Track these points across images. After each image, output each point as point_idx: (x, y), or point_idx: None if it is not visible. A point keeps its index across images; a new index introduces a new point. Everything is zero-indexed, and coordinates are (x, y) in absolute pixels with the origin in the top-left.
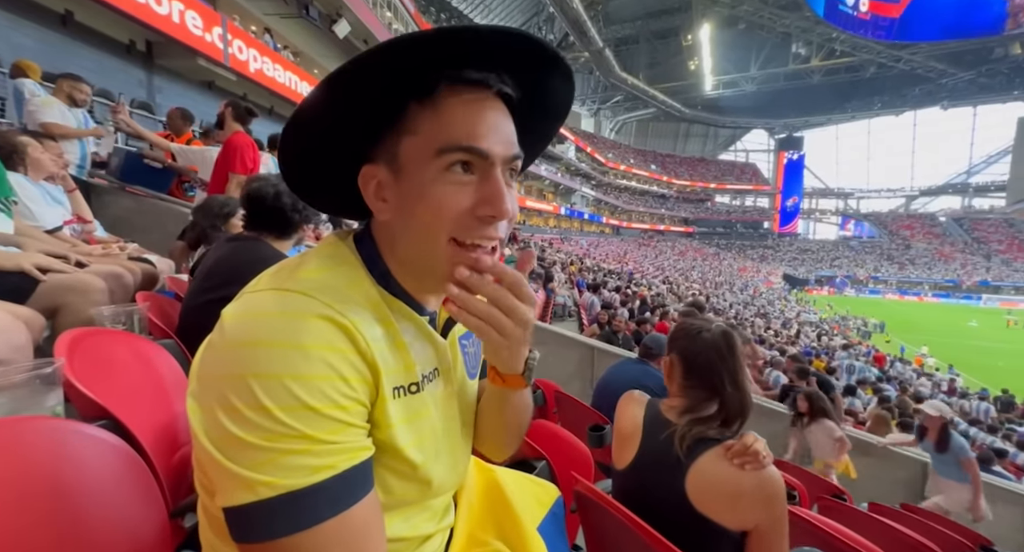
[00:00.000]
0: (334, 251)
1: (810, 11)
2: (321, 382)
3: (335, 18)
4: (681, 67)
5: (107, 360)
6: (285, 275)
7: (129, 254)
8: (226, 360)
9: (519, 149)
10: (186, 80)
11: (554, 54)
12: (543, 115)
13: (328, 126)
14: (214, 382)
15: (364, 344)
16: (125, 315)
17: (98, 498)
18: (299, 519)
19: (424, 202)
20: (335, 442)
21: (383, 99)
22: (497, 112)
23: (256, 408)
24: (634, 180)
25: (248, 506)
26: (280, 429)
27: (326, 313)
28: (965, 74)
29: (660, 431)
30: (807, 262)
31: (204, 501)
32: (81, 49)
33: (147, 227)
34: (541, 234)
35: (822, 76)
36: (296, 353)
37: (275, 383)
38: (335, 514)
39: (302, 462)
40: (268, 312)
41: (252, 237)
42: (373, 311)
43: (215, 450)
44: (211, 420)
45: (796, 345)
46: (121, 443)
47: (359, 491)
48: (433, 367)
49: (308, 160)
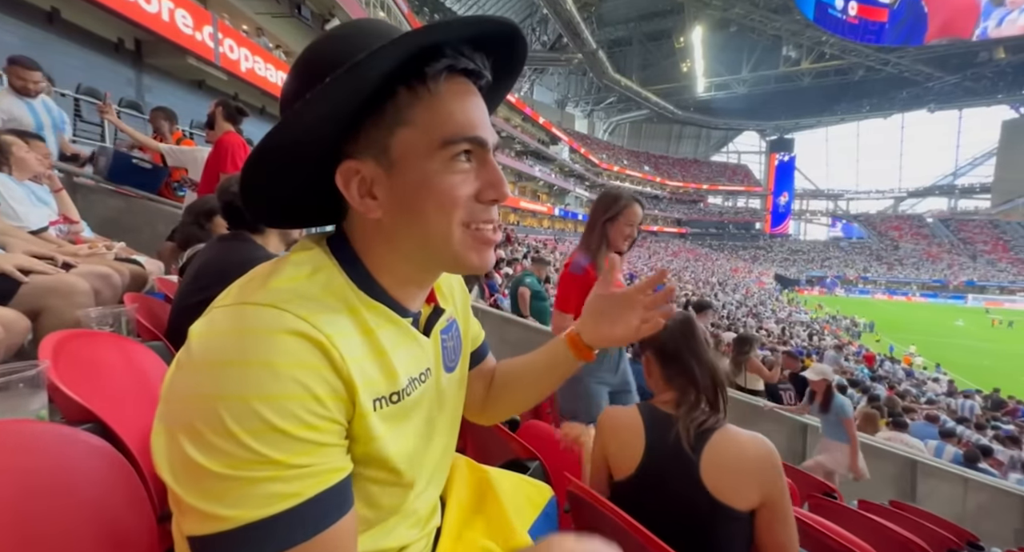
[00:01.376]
0: (309, 256)
1: (800, 14)
2: (291, 402)
3: (327, 18)
4: (674, 69)
5: (93, 363)
6: (256, 286)
7: (117, 255)
8: (191, 382)
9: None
10: (176, 79)
11: (515, 34)
12: (496, 88)
13: (308, 120)
14: (179, 405)
15: (339, 359)
16: (112, 317)
17: (84, 502)
18: (264, 547)
19: (432, 194)
20: (306, 465)
21: (376, 89)
22: (479, 98)
23: (222, 434)
24: (628, 181)
25: (212, 536)
26: (246, 455)
27: (298, 328)
28: (951, 77)
29: (665, 428)
30: (798, 262)
31: (176, 519)
32: (68, 47)
33: (136, 227)
34: (535, 235)
35: (812, 79)
36: (265, 372)
37: (242, 406)
38: (305, 539)
39: (269, 490)
40: (235, 329)
41: (238, 236)
42: (352, 318)
43: (174, 482)
44: (174, 446)
45: (788, 345)
46: (107, 446)
47: (333, 514)
48: (422, 368)
49: (274, 165)
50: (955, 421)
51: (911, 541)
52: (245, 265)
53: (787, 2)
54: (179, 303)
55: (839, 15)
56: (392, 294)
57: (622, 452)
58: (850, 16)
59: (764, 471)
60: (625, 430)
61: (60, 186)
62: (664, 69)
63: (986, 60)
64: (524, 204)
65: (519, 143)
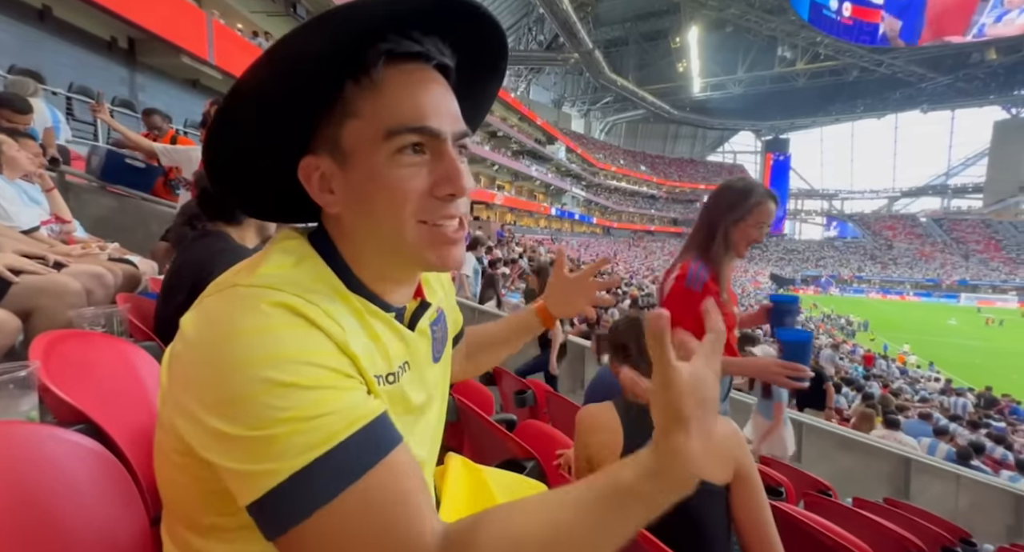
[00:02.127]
0: (293, 246)
1: (795, 15)
2: (298, 359)
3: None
4: (670, 69)
5: (85, 363)
6: (245, 273)
7: (110, 255)
8: (195, 362)
9: (465, 125)
10: (170, 78)
11: (478, 9)
12: (480, 78)
13: (259, 117)
14: (191, 387)
15: (339, 331)
16: (104, 317)
17: (75, 504)
18: (321, 490)
19: (380, 189)
20: (329, 413)
21: (317, 81)
22: (440, 86)
23: (239, 400)
24: (624, 181)
25: (263, 498)
26: (268, 414)
27: (294, 303)
28: (944, 78)
29: (640, 417)
30: (793, 262)
31: (176, 534)
32: (59, 45)
33: (129, 227)
34: (532, 234)
35: (807, 79)
36: (267, 336)
37: (251, 370)
38: (353, 480)
39: (298, 441)
40: (230, 308)
41: (215, 234)
42: (343, 303)
43: (218, 458)
44: (201, 426)
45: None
46: (99, 447)
47: (383, 446)
48: (404, 360)
49: (242, 161)
50: (948, 419)
51: (905, 538)
52: (219, 258)
53: (782, 3)
54: (163, 303)
55: (833, 16)
56: (371, 288)
57: (603, 446)
58: (844, 17)
59: (732, 447)
60: (602, 425)
61: (52, 185)
62: (660, 69)
63: (978, 61)
64: (521, 203)
65: (515, 142)
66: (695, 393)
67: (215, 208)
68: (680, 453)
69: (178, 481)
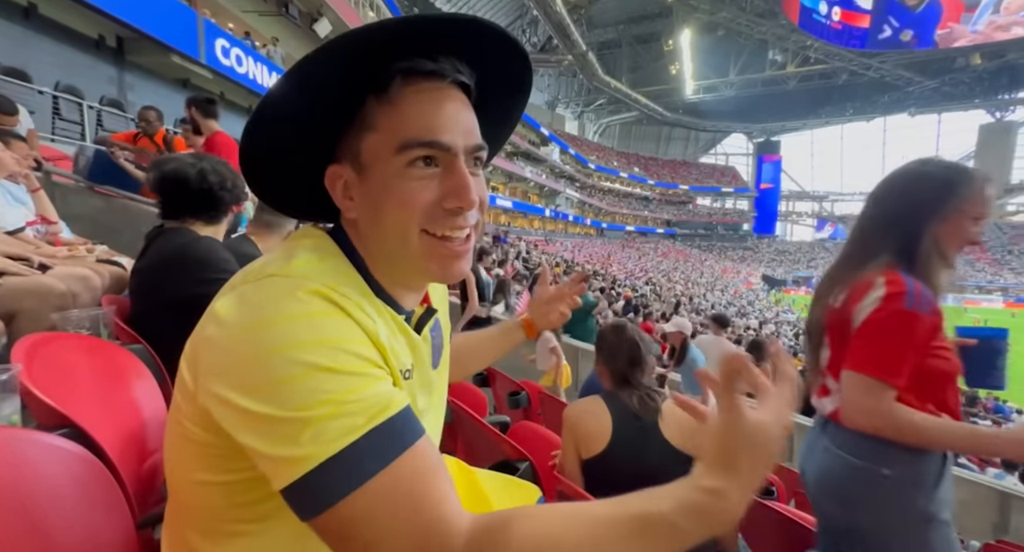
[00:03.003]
0: (318, 244)
1: (786, 19)
2: (334, 345)
3: (316, 16)
4: (663, 71)
5: (69, 366)
6: (277, 265)
7: (98, 256)
8: (234, 347)
9: (480, 138)
10: (160, 77)
11: (503, 34)
12: (504, 98)
13: (289, 126)
14: (228, 372)
15: (371, 322)
16: (90, 319)
17: (57, 509)
18: (355, 474)
19: (390, 199)
20: (366, 397)
21: (341, 96)
22: (455, 102)
23: (277, 382)
24: (618, 182)
25: (296, 482)
26: (304, 398)
27: (328, 294)
28: (930, 82)
29: (624, 403)
30: (785, 263)
31: (182, 537)
32: (45, 43)
33: (117, 228)
34: (527, 236)
35: (797, 82)
36: (304, 322)
37: (289, 354)
38: (386, 464)
39: (335, 425)
40: (268, 295)
41: (183, 233)
42: (367, 299)
43: (256, 441)
44: (240, 409)
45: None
46: (83, 452)
47: (410, 435)
48: (411, 363)
49: (274, 162)
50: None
51: None
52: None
53: (773, 7)
54: (143, 299)
55: (823, 20)
56: (386, 289)
57: (591, 433)
58: (833, 21)
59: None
60: (590, 415)
61: (38, 186)
62: (653, 71)
63: (963, 66)
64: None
65: (509, 144)
66: (754, 444)
67: (192, 207)
68: (723, 498)
69: (200, 480)
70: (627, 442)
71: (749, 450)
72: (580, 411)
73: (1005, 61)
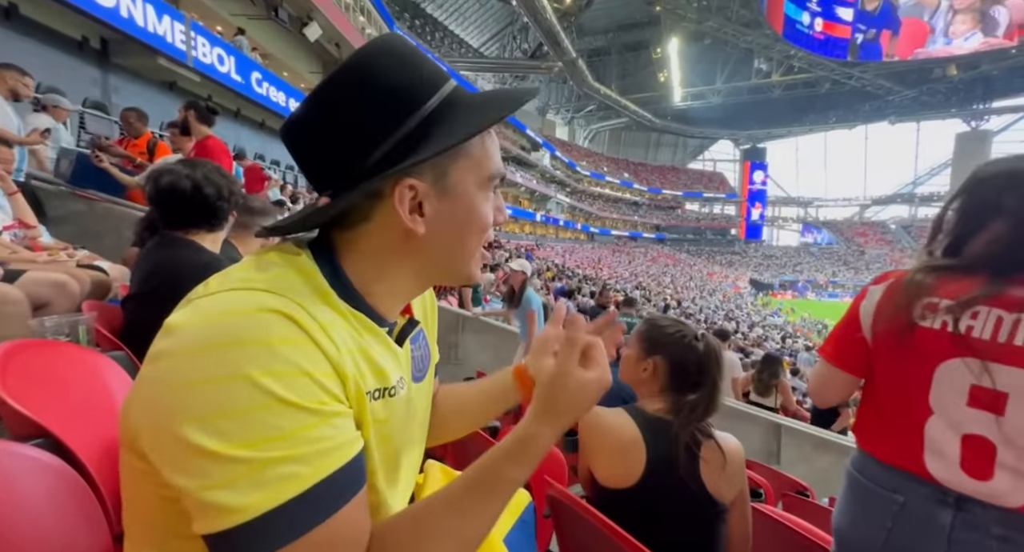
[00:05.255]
0: (292, 260)
1: (770, 29)
2: (293, 378)
3: (306, 21)
4: (652, 79)
5: (46, 374)
6: (239, 277)
7: (79, 261)
8: (185, 370)
9: None
10: (145, 80)
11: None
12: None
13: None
14: (176, 395)
15: (332, 346)
16: (69, 325)
17: (30, 521)
18: (286, 532)
19: (475, 218)
20: (319, 439)
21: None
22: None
23: (231, 414)
24: (607, 187)
25: (229, 531)
26: (260, 433)
27: (291, 312)
28: (909, 92)
29: (664, 434)
30: (771, 267)
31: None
32: (27, 44)
33: (100, 233)
34: (517, 241)
35: (782, 91)
36: (263, 350)
37: (247, 383)
38: (327, 517)
39: (285, 470)
40: (225, 311)
41: (177, 241)
42: (338, 315)
43: (186, 478)
44: (180, 441)
45: (762, 348)
46: (59, 462)
47: (351, 489)
48: (400, 375)
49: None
50: None
51: None
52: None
53: (758, 17)
54: (136, 308)
55: (806, 31)
56: (371, 303)
57: (618, 460)
58: (816, 32)
59: (741, 464)
60: (621, 438)
61: (15, 189)
62: (642, 79)
63: (940, 76)
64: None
65: (501, 149)
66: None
67: (191, 218)
68: (539, 440)
69: (142, 497)
70: (661, 479)
71: (570, 401)
72: (608, 432)
73: (979, 72)
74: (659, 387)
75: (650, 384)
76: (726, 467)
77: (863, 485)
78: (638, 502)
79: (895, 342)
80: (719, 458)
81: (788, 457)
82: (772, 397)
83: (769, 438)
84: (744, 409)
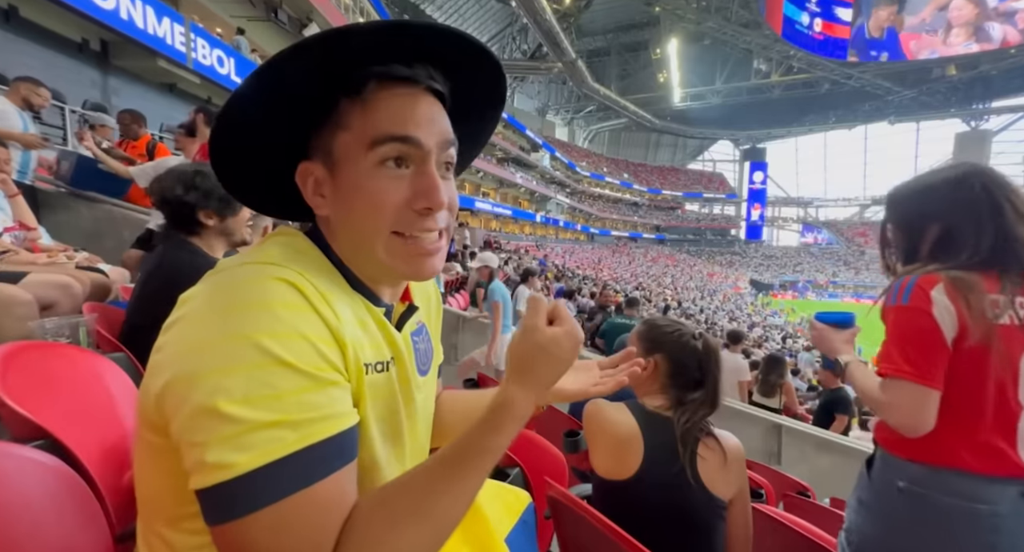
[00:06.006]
0: (291, 241)
1: (769, 29)
2: (294, 341)
3: (305, 22)
4: (651, 79)
5: (46, 376)
6: (249, 257)
7: (78, 263)
8: (192, 333)
9: (454, 140)
10: (145, 82)
11: (481, 49)
12: (479, 111)
13: (259, 122)
14: (184, 356)
15: (334, 317)
16: (69, 327)
17: (30, 523)
18: (265, 493)
19: (361, 197)
20: (315, 406)
21: (313, 95)
22: (430, 105)
23: (231, 372)
24: (607, 188)
25: (219, 485)
26: (259, 391)
27: (297, 281)
28: (908, 92)
29: (662, 429)
30: (772, 268)
31: (152, 531)
32: (26, 47)
33: (100, 235)
34: (517, 241)
35: (782, 91)
36: (266, 313)
37: (249, 343)
38: (302, 487)
39: (277, 434)
40: (233, 282)
41: (182, 244)
42: (340, 290)
43: (183, 432)
44: (184, 398)
45: (763, 348)
46: (59, 464)
47: (337, 462)
48: (391, 356)
49: (244, 160)
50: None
51: None
52: (194, 276)
53: (757, 17)
54: (138, 310)
55: (805, 31)
56: (365, 282)
57: (616, 452)
58: (815, 32)
59: (741, 462)
60: (618, 432)
61: (16, 191)
62: (642, 79)
63: (939, 76)
64: (507, 210)
65: (500, 150)
66: (547, 351)
67: (180, 218)
68: (515, 405)
69: (155, 470)
70: (657, 474)
71: (546, 357)
72: (609, 424)
73: (978, 72)
74: (659, 385)
75: (650, 382)
76: (726, 464)
77: (939, 503)
78: (634, 494)
79: (982, 346)
80: (718, 455)
81: (789, 457)
82: (776, 398)
83: (770, 438)
84: (745, 409)
